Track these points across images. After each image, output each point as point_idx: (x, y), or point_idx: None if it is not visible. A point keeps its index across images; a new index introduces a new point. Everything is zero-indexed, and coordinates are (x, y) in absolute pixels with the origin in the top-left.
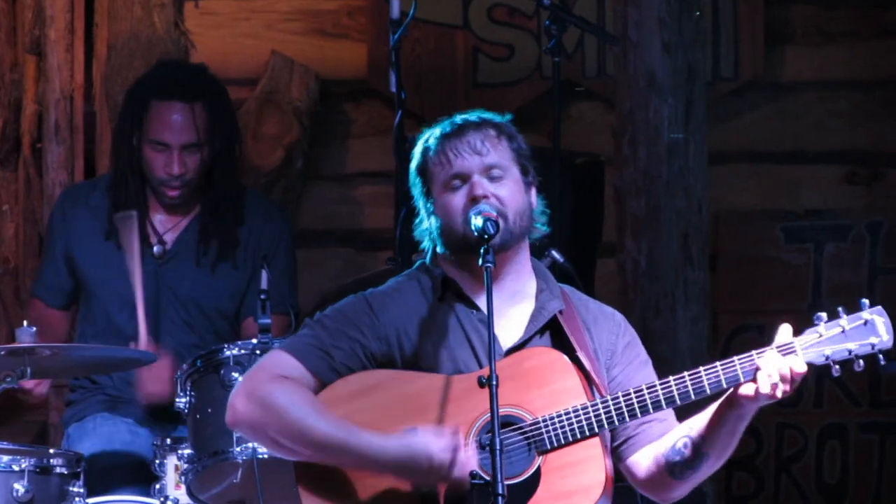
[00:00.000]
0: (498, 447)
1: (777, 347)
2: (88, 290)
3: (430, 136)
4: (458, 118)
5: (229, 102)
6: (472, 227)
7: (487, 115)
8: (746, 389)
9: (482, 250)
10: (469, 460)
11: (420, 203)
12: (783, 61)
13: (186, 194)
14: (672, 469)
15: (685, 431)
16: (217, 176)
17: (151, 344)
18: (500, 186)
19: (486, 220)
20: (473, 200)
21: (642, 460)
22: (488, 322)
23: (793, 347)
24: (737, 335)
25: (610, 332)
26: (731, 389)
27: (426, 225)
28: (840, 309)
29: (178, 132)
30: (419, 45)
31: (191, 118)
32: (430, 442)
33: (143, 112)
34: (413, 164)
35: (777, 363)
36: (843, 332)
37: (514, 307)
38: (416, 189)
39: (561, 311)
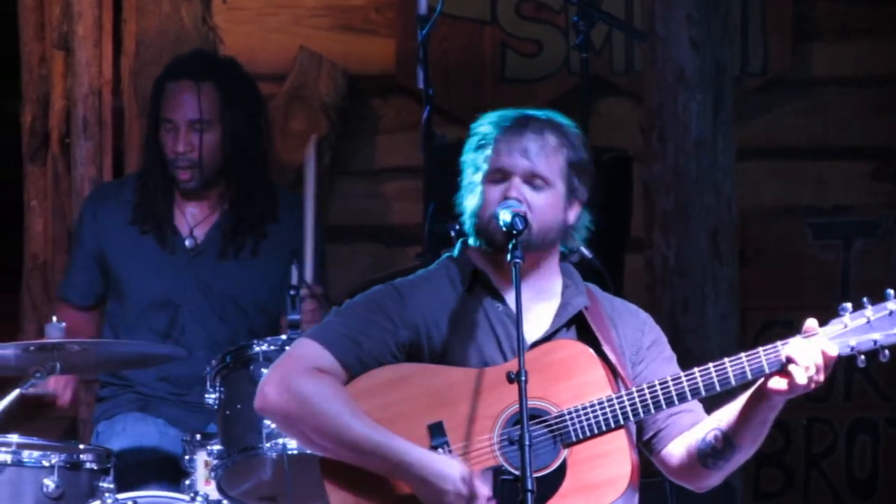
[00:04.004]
0: (527, 442)
1: (803, 336)
2: (119, 287)
3: (495, 120)
4: (527, 112)
5: (251, 90)
6: (501, 223)
7: (557, 119)
8: (778, 384)
9: (511, 245)
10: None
11: (466, 177)
12: (811, 57)
13: (199, 178)
14: (704, 460)
15: (714, 423)
16: (237, 165)
17: (317, 285)
18: (538, 196)
19: (515, 215)
20: (505, 200)
21: (675, 451)
22: (517, 318)
23: (818, 335)
24: (766, 331)
25: (635, 329)
26: (761, 383)
27: (466, 201)
28: (865, 299)
29: (183, 109)
30: (447, 40)
31: (196, 96)
32: (458, 469)
33: (160, 97)
34: (471, 139)
35: (809, 353)
36: (868, 322)
37: (539, 303)
38: (468, 162)
39: (586, 308)
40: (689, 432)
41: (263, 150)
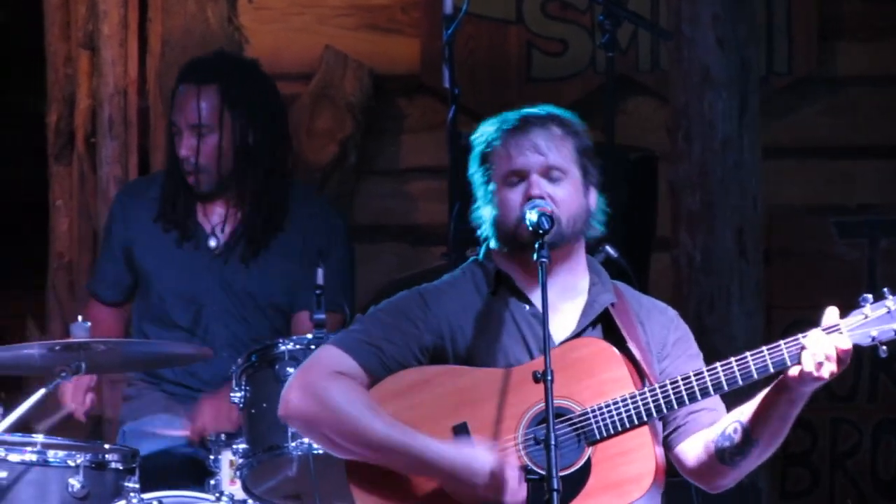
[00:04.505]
0: (553, 442)
1: (822, 329)
2: (146, 283)
3: (495, 126)
4: (525, 112)
5: (263, 93)
6: (527, 222)
7: (555, 112)
8: (793, 370)
9: (537, 245)
10: (518, 485)
11: (479, 189)
12: (836, 56)
13: (206, 182)
14: (722, 455)
15: (736, 417)
16: (245, 169)
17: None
18: (558, 188)
19: (541, 214)
20: (529, 199)
21: (692, 448)
22: (543, 317)
23: (838, 328)
24: (791, 330)
25: (662, 327)
26: (781, 374)
27: (483, 212)
28: (886, 290)
29: (184, 113)
30: (473, 40)
31: (195, 100)
32: (485, 459)
33: (173, 99)
34: (476, 150)
35: (821, 342)
36: (888, 312)
37: (566, 302)
38: (477, 175)
39: (613, 304)
40: (708, 430)
41: (274, 153)
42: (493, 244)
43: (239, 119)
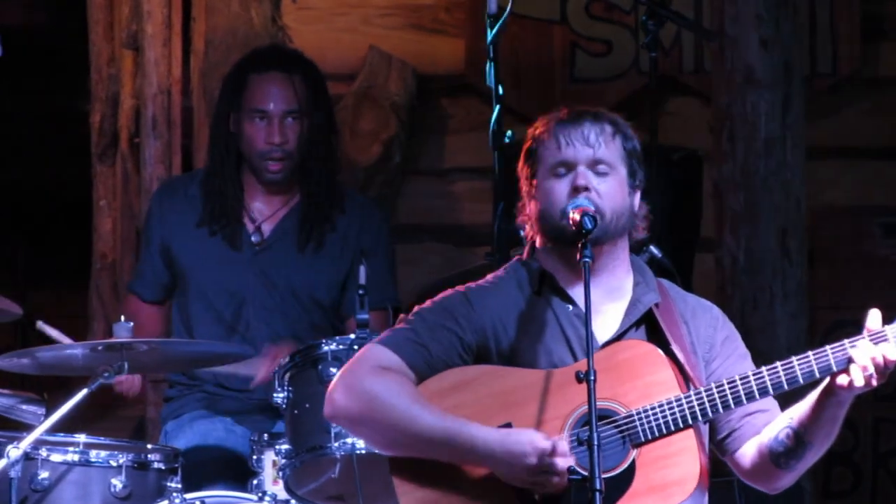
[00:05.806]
0: (596, 442)
1: (869, 336)
2: (186, 281)
3: (546, 121)
4: (578, 109)
5: (326, 86)
6: (570, 222)
7: (609, 113)
8: (841, 380)
9: (580, 245)
10: (566, 462)
11: (524, 184)
12: (880, 57)
13: (287, 170)
14: (777, 460)
15: (786, 422)
16: (315, 158)
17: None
18: (604, 182)
19: (584, 214)
20: (575, 190)
21: (748, 452)
22: (586, 318)
23: (885, 335)
24: (835, 331)
25: (708, 326)
26: (828, 380)
27: (528, 207)
28: None
29: (279, 100)
30: (517, 40)
31: (291, 87)
32: (533, 440)
33: (242, 88)
34: (525, 146)
35: (870, 353)
36: None
37: (610, 302)
38: (524, 170)
39: (657, 304)
40: (762, 433)
41: (334, 145)
42: (538, 240)
43: (319, 108)
